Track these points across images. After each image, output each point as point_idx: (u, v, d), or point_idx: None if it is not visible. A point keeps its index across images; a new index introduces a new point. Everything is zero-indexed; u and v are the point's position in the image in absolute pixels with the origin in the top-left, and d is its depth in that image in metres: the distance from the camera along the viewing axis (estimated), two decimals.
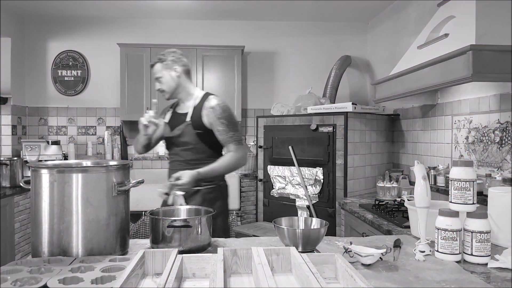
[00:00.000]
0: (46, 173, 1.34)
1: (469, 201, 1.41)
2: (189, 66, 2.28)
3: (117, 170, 1.42)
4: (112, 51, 4.42)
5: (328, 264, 1.21)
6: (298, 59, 4.71)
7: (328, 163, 3.28)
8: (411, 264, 1.35)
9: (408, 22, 3.56)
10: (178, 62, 2.19)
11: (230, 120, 2.17)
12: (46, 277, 1.12)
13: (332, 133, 3.27)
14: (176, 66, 2.18)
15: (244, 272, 1.25)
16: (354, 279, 1.02)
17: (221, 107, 2.17)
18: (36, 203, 1.35)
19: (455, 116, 2.79)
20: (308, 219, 1.59)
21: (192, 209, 1.67)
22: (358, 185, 3.34)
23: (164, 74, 2.19)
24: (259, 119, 3.88)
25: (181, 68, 2.20)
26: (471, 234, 1.38)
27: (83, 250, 1.34)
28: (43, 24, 4.48)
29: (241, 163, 2.18)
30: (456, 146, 2.76)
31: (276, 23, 4.66)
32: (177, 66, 2.19)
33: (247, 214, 4.04)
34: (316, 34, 4.70)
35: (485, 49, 1.73)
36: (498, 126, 2.34)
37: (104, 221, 1.37)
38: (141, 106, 4.21)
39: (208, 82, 4.32)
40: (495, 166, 2.36)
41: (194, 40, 4.54)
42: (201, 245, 1.46)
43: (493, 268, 1.33)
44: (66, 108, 4.52)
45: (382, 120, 3.66)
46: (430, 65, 2.06)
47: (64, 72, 4.50)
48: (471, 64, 1.71)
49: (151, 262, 1.24)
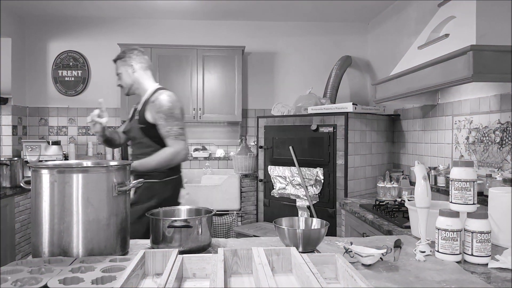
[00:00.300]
0: (46, 173, 1.34)
1: (470, 201, 1.41)
2: (147, 63, 2.33)
3: (117, 170, 1.42)
4: (113, 51, 4.38)
5: (329, 264, 1.21)
6: (298, 59, 4.71)
7: (329, 163, 3.28)
8: (412, 264, 1.35)
9: (409, 22, 3.56)
10: (135, 59, 2.27)
11: (169, 114, 2.13)
12: (47, 277, 1.12)
13: (332, 134, 3.27)
14: (133, 63, 2.26)
15: (244, 272, 1.25)
16: (354, 280, 1.02)
17: (161, 100, 2.14)
18: (36, 203, 1.35)
19: (455, 117, 2.79)
20: (308, 220, 1.59)
21: (192, 209, 1.67)
22: (359, 185, 3.34)
23: (122, 71, 2.29)
24: (259, 120, 3.88)
25: (138, 65, 2.27)
26: (471, 234, 1.38)
27: (84, 250, 1.34)
28: (43, 24, 4.48)
29: (177, 158, 2.12)
30: (457, 147, 2.76)
31: (277, 23, 4.66)
32: (134, 63, 2.26)
33: (248, 214, 4.04)
34: (316, 34, 4.70)
35: (485, 49, 1.73)
36: (499, 127, 2.34)
37: (104, 221, 1.37)
38: None
39: (209, 82, 4.32)
40: (496, 167, 2.36)
41: (195, 40, 4.54)
42: (202, 245, 1.46)
43: (493, 268, 1.33)
44: (66, 108, 4.53)
45: (383, 120, 3.66)
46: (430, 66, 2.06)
47: (64, 72, 4.51)
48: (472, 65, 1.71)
49: (152, 262, 1.24)
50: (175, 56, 4.28)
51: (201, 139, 4.68)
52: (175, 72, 4.29)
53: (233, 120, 4.38)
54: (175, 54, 4.28)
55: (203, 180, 4.21)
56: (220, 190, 3.96)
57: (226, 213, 3.97)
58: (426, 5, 3.20)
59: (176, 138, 2.13)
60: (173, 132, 2.13)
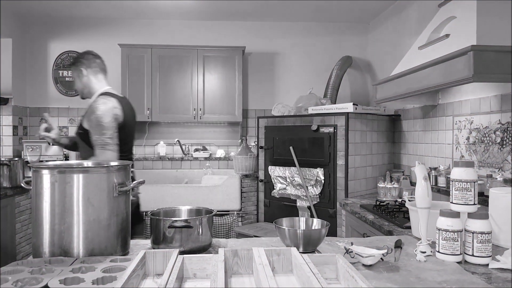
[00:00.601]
0: (47, 173, 1.34)
1: (470, 201, 1.41)
2: (99, 66, 2.32)
3: (118, 170, 1.42)
4: (113, 52, 4.42)
5: (329, 265, 1.21)
6: (299, 60, 4.71)
7: (329, 163, 3.28)
8: (412, 264, 1.35)
9: (409, 23, 3.56)
10: (85, 63, 2.28)
11: (97, 122, 2.06)
12: (47, 278, 1.12)
13: (333, 134, 3.27)
14: (82, 68, 2.27)
15: (245, 272, 1.25)
16: (355, 280, 1.02)
17: (94, 108, 2.11)
18: (37, 203, 1.35)
19: (456, 117, 2.79)
20: (309, 220, 1.59)
21: (193, 210, 1.67)
22: (359, 185, 3.34)
23: (74, 76, 2.33)
24: (260, 120, 3.88)
25: (88, 70, 2.28)
26: (472, 234, 1.38)
27: (84, 250, 1.34)
28: (44, 24, 4.49)
29: None
30: (457, 147, 2.76)
31: (277, 24, 4.66)
32: (83, 67, 2.28)
33: (248, 214, 4.04)
34: (317, 34, 4.70)
35: (486, 50, 1.72)
36: (499, 127, 2.34)
37: (105, 222, 1.37)
38: (142, 107, 4.22)
39: (209, 82, 4.32)
40: (496, 167, 2.36)
41: (195, 41, 4.55)
42: (202, 245, 1.46)
43: (494, 269, 1.33)
44: (67, 108, 4.53)
45: (383, 120, 3.66)
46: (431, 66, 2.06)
47: (65, 73, 4.51)
48: (472, 65, 1.71)
49: (152, 262, 1.24)
50: (176, 57, 4.28)
51: (202, 139, 4.68)
52: (175, 73, 4.29)
53: (234, 120, 4.38)
54: (176, 54, 4.28)
55: (203, 180, 4.21)
56: (221, 190, 3.96)
57: (227, 214, 3.97)
58: (427, 6, 3.20)
59: (102, 147, 2.05)
60: (100, 142, 2.05)
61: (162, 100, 4.28)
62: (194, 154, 4.56)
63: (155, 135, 4.63)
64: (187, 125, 4.66)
